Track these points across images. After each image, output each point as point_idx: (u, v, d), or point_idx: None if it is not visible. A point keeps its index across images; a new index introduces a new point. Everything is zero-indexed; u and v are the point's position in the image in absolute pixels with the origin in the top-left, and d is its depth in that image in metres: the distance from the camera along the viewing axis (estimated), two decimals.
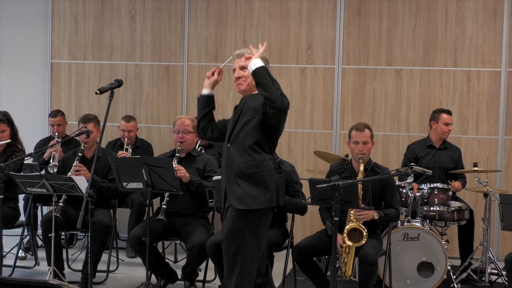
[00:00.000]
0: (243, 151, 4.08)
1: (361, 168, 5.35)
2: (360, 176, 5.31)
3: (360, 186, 5.09)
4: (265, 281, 4.40)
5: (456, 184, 6.58)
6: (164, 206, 5.52)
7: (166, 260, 5.84)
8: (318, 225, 6.84)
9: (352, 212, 5.23)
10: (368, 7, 7.52)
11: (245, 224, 4.02)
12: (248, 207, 4.02)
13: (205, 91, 4.33)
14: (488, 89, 7.37)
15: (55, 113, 7.30)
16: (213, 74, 4.30)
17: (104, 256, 5.97)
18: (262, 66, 3.98)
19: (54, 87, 8.15)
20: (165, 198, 5.55)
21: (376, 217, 5.21)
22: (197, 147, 6.88)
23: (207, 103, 4.32)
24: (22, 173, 5.98)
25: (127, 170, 5.20)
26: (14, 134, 6.10)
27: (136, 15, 7.97)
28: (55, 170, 6.31)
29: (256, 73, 3.98)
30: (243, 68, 4.17)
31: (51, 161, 6.71)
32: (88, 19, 8.06)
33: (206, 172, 5.72)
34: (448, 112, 6.78)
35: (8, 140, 6.02)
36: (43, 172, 6.82)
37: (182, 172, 5.46)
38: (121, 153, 6.89)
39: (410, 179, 6.05)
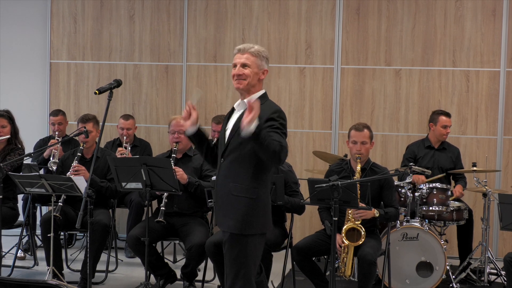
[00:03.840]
0: (234, 170, 3.93)
1: (358, 168, 5.36)
2: (357, 176, 5.32)
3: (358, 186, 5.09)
4: (258, 281, 4.38)
5: (458, 192, 6.50)
6: (163, 208, 5.51)
7: (165, 260, 5.84)
8: (317, 225, 6.84)
9: (350, 211, 5.23)
10: (367, 7, 7.53)
11: (247, 241, 3.98)
12: (224, 228, 3.96)
13: (193, 128, 4.03)
14: (487, 89, 7.38)
15: (56, 112, 7.30)
16: (189, 114, 4.02)
17: (103, 256, 5.97)
18: (253, 132, 3.67)
19: (53, 87, 8.15)
20: (163, 199, 5.55)
21: (377, 215, 5.22)
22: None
23: (200, 139, 4.11)
24: (21, 173, 5.98)
25: (126, 170, 5.20)
26: (14, 132, 6.11)
27: (135, 15, 7.97)
28: (55, 167, 6.32)
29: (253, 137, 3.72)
30: (245, 65, 4.00)
31: (51, 158, 6.72)
32: (87, 19, 8.06)
33: (204, 171, 5.72)
34: (447, 114, 6.76)
35: (8, 136, 6.02)
36: (42, 171, 6.83)
37: (179, 173, 5.46)
38: (120, 150, 6.88)
39: (409, 179, 6.05)
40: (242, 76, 4.00)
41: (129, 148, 7.09)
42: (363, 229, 5.19)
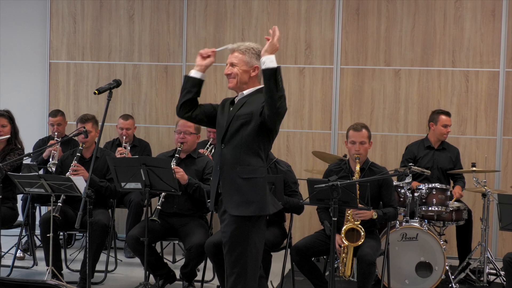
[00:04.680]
0: (239, 154, 3.96)
1: (357, 168, 5.36)
2: (356, 176, 5.32)
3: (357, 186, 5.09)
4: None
5: (457, 192, 6.50)
6: (159, 207, 5.51)
7: (165, 260, 5.84)
8: (316, 225, 6.84)
9: (349, 212, 5.23)
10: (367, 7, 7.53)
11: (247, 227, 3.98)
12: (242, 213, 3.94)
13: (198, 74, 4.13)
14: (486, 89, 7.38)
15: (55, 113, 7.30)
16: (208, 56, 4.13)
17: (103, 256, 5.97)
18: (273, 68, 3.81)
19: (52, 87, 8.15)
20: (160, 199, 5.54)
21: (375, 216, 5.22)
22: (208, 145, 6.88)
23: (198, 88, 4.13)
24: (20, 173, 5.98)
25: (126, 170, 5.20)
26: (14, 132, 6.11)
27: (134, 15, 7.97)
28: (54, 169, 6.32)
29: (265, 73, 3.82)
30: (232, 64, 4.05)
31: (50, 159, 6.72)
32: (86, 19, 8.06)
33: (205, 174, 5.70)
34: (447, 114, 6.76)
35: (8, 136, 6.02)
36: (41, 171, 6.82)
37: (180, 174, 5.45)
38: (120, 150, 6.88)
39: (408, 179, 6.05)
40: (231, 75, 4.07)
41: (129, 148, 7.10)
42: (363, 230, 5.19)
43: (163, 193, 5.52)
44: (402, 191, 6.10)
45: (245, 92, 4.07)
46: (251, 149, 3.96)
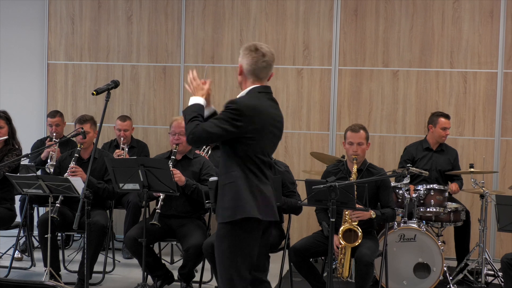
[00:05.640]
0: (223, 162, 3.95)
1: (354, 169, 5.36)
2: (353, 177, 5.32)
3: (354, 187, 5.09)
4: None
5: (454, 186, 6.58)
6: (158, 211, 5.49)
7: (163, 261, 5.84)
8: (314, 226, 6.84)
9: (347, 212, 5.24)
10: (365, 8, 7.53)
11: (225, 232, 3.92)
12: (221, 220, 3.90)
13: (202, 100, 4.15)
14: (484, 90, 7.38)
15: (54, 113, 7.30)
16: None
17: (101, 257, 5.97)
18: (188, 106, 4.05)
19: (50, 88, 8.14)
20: (160, 202, 5.53)
21: (373, 216, 5.23)
22: (205, 147, 6.87)
23: (203, 114, 4.07)
24: (18, 174, 5.98)
25: (124, 171, 5.20)
26: (12, 133, 6.11)
27: (132, 16, 7.97)
28: (52, 169, 6.32)
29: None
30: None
31: (48, 160, 6.72)
32: (84, 19, 8.06)
33: (203, 175, 5.69)
34: (447, 116, 6.76)
35: (6, 137, 6.02)
36: (39, 172, 6.82)
37: (177, 176, 5.44)
38: (117, 152, 6.89)
39: (406, 180, 6.05)
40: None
41: (127, 149, 7.10)
42: (360, 230, 5.19)
43: (161, 196, 5.51)
44: (400, 192, 6.10)
45: (239, 95, 4.03)
46: (229, 155, 3.91)
